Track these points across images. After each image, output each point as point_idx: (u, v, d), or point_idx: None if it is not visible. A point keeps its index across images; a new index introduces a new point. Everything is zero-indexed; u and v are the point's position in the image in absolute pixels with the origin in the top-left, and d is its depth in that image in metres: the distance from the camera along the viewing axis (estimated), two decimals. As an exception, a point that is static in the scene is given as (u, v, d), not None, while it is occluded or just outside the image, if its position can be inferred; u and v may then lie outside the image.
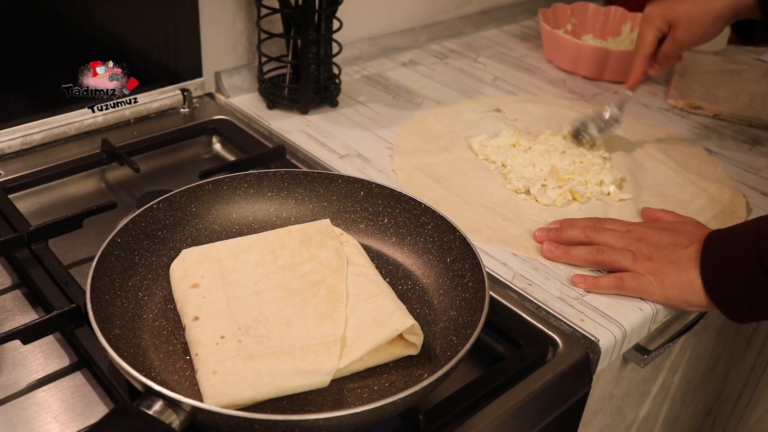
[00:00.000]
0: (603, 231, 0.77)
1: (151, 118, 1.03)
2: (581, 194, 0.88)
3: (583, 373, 0.69)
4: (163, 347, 0.61)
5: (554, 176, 0.90)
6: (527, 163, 0.94)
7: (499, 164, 0.95)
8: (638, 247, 0.74)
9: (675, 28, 0.95)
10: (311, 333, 0.60)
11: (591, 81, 1.24)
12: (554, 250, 0.78)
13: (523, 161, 0.94)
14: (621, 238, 0.76)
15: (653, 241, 0.75)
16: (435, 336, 0.64)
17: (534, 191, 0.88)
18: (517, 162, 0.94)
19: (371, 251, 0.73)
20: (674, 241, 0.74)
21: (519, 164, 0.93)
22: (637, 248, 0.74)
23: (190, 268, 0.67)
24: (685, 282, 0.71)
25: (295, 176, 0.77)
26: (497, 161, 0.95)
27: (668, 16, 0.94)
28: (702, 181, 0.94)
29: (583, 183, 0.90)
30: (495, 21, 1.44)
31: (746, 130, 1.11)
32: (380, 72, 1.21)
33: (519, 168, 0.93)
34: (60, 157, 0.92)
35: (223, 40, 1.07)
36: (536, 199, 0.87)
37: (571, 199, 0.88)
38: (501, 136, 1.00)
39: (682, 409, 1.14)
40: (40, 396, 0.61)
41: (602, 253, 0.75)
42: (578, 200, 0.88)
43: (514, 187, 0.89)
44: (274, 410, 0.56)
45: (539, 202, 0.87)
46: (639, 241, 0.75)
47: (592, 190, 0.89)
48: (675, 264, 0.72)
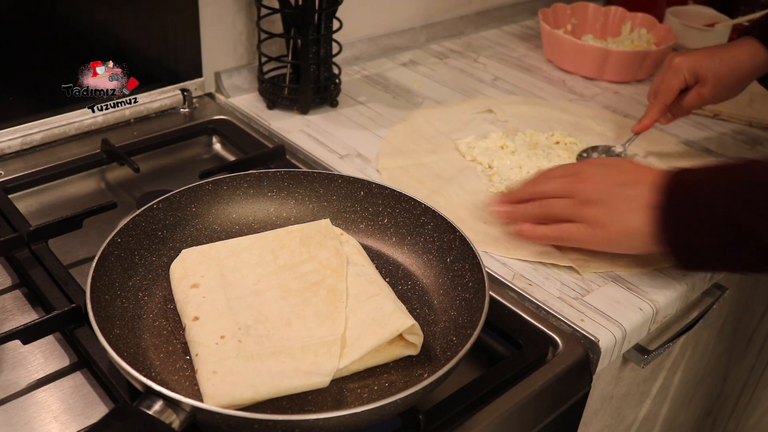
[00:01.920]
0: (545, 181, 0.76)
1: (151, 118, 1.03)
2: None
3: (583, 373, 0.69)
4: (163, 347, 0.61)
5: None
6: (514, 165, 0.93)
7: (485, 166, 0.94)
8: (581, 191, 0.73)
9: (702, 85, 0.93)
10: (311, 333, 0.60)
11: (591, 81, 1.24)
12: (501, 211, 0.78)
13: (510, 163, 0.94)
14: (565, 185, 0.74)
15: (596, 182, 0.73)
16: (435, 336, 0.64)
17: None
18: (503, 164, 0.93)
19: (371, 251, 0.73)
20: (619, 179, 0.72)
21: (505, 166, 0.93)
22: (579, 193, 0.73)
23: (190, 268, 0.67)
24: (633, 227, 0.69)
25: (295, 176, 0.77)
26: (484, 163, 0.95)
27: (698, 70, 0.92)
28: None
29: None
30: (495, 21, 1.44)
31: (746, 130, 1.11)
32: (380, 72, 1.21)
33: (505, 170, 0.92)
34: (60, 157, 0.92)
35: (223, 40, 1.07)
36: None
37: None
38: (489, 138, 0.99)
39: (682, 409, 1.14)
40: (40, 396, 0.61)
41: (544, 206, 0.74)
42: None
43: (497, 189, 0.89)
44: (274, 410, 0.56)
45: None
46: (582, 184, 0.73)
47: None
48: (621, 209, 0.70)
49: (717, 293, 0.84)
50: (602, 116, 1.10)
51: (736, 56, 0.92)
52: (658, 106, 0.95)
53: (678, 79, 0.93)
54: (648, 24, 1.32)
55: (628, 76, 1.23)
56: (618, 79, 1.23)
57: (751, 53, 0.91)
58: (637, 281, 0.77)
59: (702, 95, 0.93)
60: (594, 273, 0.77)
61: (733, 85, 0.94)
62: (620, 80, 1.23)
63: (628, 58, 1.20)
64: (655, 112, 0.96)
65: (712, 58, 0.92)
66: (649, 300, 0.74)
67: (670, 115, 0.98)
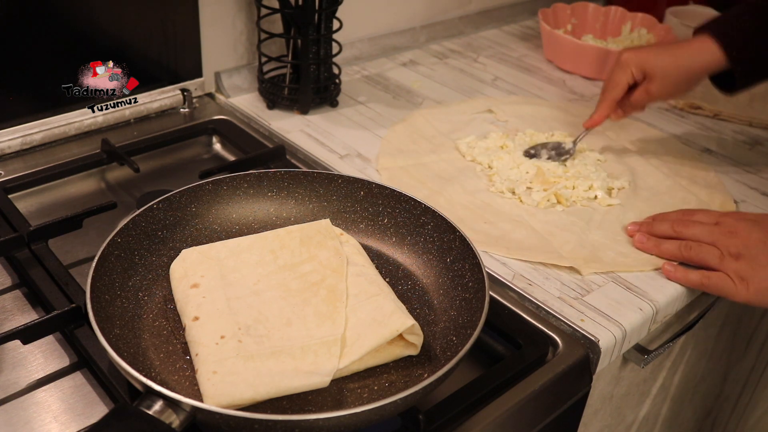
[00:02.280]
0: (691, 224, 0.78)
1: (151, 118, 1.03)
2: (566, 198, 0.87)
3: (583, 373, 0.69)
4: (163, 347, 0.61)
5: (540, 179, 0.90)
6: (513, 165, 0.93)
7: (485, 166, 0.94)
8: (726, 243, 0.74)
9: (650, 81, 0.92)
10: (311, 333, 0.60)
11: (591, 81, 1.24)
12: (645, 242, 0.79)
13: (510, 163, 0.94)
14: (710, 232, 0.76)
15: (742, 237, 0.74)
16: (435, 336, 0.64)
17: (518, 192, 0.88)
18: (503, 164, 0.93)
19: (371, 251, 0.73)
20: (765, 237, 0.73)
21: (505, 166, 0.93)
22: (724, 245, 0.74)
23: (190, 268, 0.67)
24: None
25: (295, 176, 0.77)
26: (484, 163, 0.94)
27: (645, 66, 0.92)
28: (693, 186, 0.94)
29: (570, 187, 0.90)
30: (495, 21, 1.44)
31: (746, 130, 1.11)
32: (380, 72, 1.21)
33: (505, 170, 0.92)
34: (60, 157, 0.92)
35: (223, 40, 1.07)
36: (521, 200, 0.87)
37: (556, 202, 0.88)
38: (489, 138, 0.99)
39: (682, 409, 1.14)
40: (40, 396, 0.61)
41: (690, 249, 0.76)
42: (562, 203, 0.87)
43: (497, 189, 0.89)
44: (274, 410, 0.56)
45: (523, 202, 0.87)
46: (728, 236, 0.75)
47: (579, 195, 0.89)
48: (763, 266, 0.71)
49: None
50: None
51: (687, 53, 0.90)
52: (607, 102, 0.95)
53: (625, 75, 0.93)
54: (648, 24, 1.32)
55: (628, 76, 1.23)
56: (618, 79, 1.23)
57: (703, 50, 0.89)
58: (637, 281, 0.77)
59: (650, 91, 0.93)
60: (594, 273, 0.77)
61: (682, 82, 0.92)
62: (620, 80, 1.23)
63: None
64: (605, 108, 0.96)
65: (661, 55, 0.92)
66: (649, 300, 0.74)
67: (620, 111, 0.97)
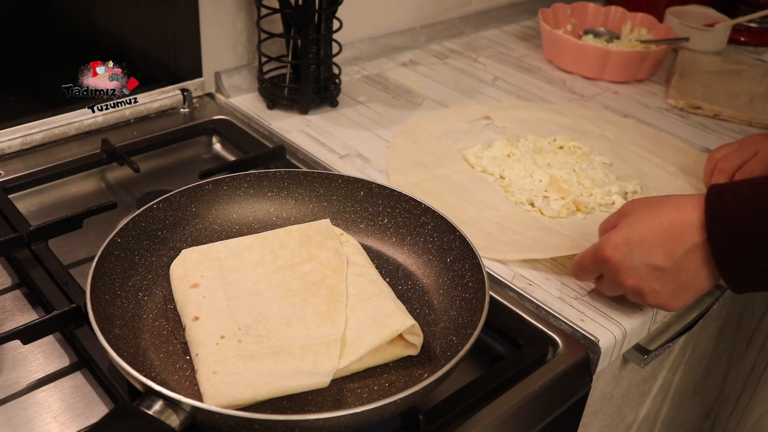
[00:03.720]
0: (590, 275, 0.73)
1: (151, 118, 1.03)
2: (585, 204, 0.87)
3: (583, 373, 0.69)
4: (163, 347, 0.61)
5: (554, 186, 0.89)
6: (525, 174, 0.92)
7: (497, 176, 0.93)
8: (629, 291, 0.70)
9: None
10: (311, 333, 0.60)
11: (591, 81, 1.24)
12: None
13: (521, 172, 0.93)
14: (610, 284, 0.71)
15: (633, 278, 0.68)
16: (435, 336, 0.64)
17: (538, 203, 0.87)
18: (514, 173, 0.92)
19: (371, 251, 0.73)
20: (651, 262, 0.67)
21: (517, 175, 0.92)
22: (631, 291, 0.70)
23: (190, 268, 0.67)
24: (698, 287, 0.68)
25: (295, 176, 0.77)
26: (495, 173, 0.93)
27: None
28: (702, 185, 0.94)
29: (588, 194, 0.89)
30: (495, 21, 1.44)
31: (746, 130, 1.11)
32: (380, 72, 1.21)
33: (518, 179, 0.91)
34: (60, 157, 0.92)
35: (223, 40, 1.07)
36: (541, 212, 0.86)
37: (575, 209, 0.87)
38: (494, 146, 0.98)
39: (682, 409, 1.14)
40: (40, 396, 0.61)
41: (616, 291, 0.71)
42: (582, 210, 0.87)
43: (517, 199, 0.88)
44: (274, 410, 0.56)
45: (544, 214, 0.86)
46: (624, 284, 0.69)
47: (596, 201, 0.88)
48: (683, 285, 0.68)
49: (717, 293, 0.84)
50: (600, 117, 1.10)
51: None
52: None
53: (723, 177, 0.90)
54: (648, 24, 1.32)
55: (628, 76, 1.23)
56: (618, 79, 1.23)
57: None
58: (637, 281, 0.76)
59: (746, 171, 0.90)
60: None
61: None
62: (620, 80, 1.23)
63: (628, 58, 1.20)
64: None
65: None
66: (649, 300, 0.74)
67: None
